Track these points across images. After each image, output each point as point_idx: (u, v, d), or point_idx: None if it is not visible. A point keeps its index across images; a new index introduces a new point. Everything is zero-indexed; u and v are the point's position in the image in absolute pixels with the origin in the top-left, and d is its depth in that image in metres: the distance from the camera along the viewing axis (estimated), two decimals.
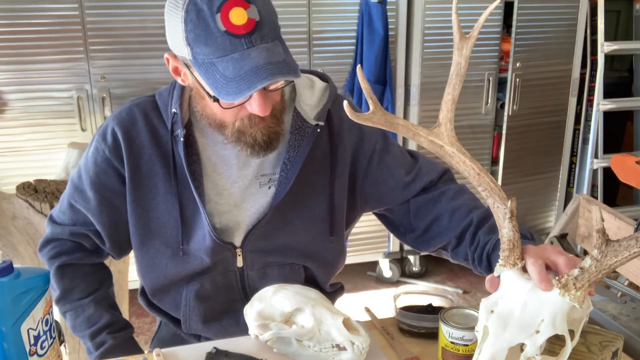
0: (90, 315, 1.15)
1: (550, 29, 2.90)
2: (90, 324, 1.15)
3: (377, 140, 1.14)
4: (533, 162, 3.09)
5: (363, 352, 0.92)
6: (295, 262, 1.16)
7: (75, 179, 1.13)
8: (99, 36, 2.37)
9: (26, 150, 2.41)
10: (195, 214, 1.09)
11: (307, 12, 2.56)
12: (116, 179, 1.09)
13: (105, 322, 1.15)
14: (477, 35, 0.86)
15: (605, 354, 0.85)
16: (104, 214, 1.11)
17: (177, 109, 1.06)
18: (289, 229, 1.12)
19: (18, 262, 1.78)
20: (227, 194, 1.10)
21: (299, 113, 1.09)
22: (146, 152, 1.08)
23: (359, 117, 0.84)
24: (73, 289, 1.16)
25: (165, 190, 1.08)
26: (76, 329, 1.16)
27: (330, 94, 1.12)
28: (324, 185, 1.12)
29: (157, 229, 1.10)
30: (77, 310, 1.16)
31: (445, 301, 1.13)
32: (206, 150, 1.09)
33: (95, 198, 1.10)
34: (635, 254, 0.71)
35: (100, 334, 1.14)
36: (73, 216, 1.14)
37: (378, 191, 1.15)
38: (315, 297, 0.96)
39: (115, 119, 1.09)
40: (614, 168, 2.70)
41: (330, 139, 1.11)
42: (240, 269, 1.14)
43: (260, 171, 1.10)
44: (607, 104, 3.03)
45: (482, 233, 1.03)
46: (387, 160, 1.14)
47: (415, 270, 3.13)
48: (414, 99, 2.81)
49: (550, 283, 0.77)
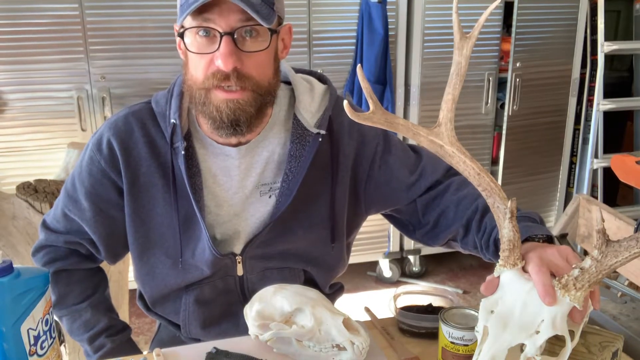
0: (87, 320, 1.15)
1: (550, 29, 2.90)
2: (88, 328, 1.14)
3: (378, 142, 1.12)
4: (533, 162, 3.09)
5: (363, 352, 0.92)
6: (295, 266, 1.15)
7: (70, 188, 1.10)
8: (99, 36, 2.37)
9: (26, 150, 2.41)
10: (195, 225, 1.07)
11: (307, 12, 2.56)
12: (112, 190, 1.07)
13: (103, 326, 1.15)
14: (477, 35, 0.85)
15: (605, 354, 0.85)
16: (99, 224, 1.09)
17: (176, 120, 1.03)
18: (289, 236, 1.11)
19: (18, 262, 1.78)
20: (227, 205, 1.08)
21: (299, 121, 1.07)
22: (144, 164, 1.06)
23: (359, 117, 0.84)
24: (68, 294, 1.15)
25: (164, 202, 1.07)
26: (73, 333, 1.15)
27: (331, 98, 1.10)
28: (324, 192, 1.10)
29: (157, 239, 1.09)
30: (74, 315, 1.15)
31: (445, 301, 1.13)
32: (206, 162, 1.06)
33: (90, 209, 1.08)
34: (635, 255, 0.71)
35: (99, 338, 1.14)
36: (67, 225, 1.12)
37: (382, 193, 1.14)
38: (315, 297, 0.96)
39: (111, 129, 1.06)
40: (614, 168, 2.69)
41: (331, 146, 1.09)
42: (240, 280, 1.13)
43: (261, 180, 1.08)
44: (607, 104, 3.03)
45: (488, 219, 1.02)
46: (389, 161, 1.12)
47: (415, 270, 3.13)
48: (414, 99, 2.81)
49: (555, 298, 0.74)
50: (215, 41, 0.93)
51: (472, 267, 3.27)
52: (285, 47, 1.06)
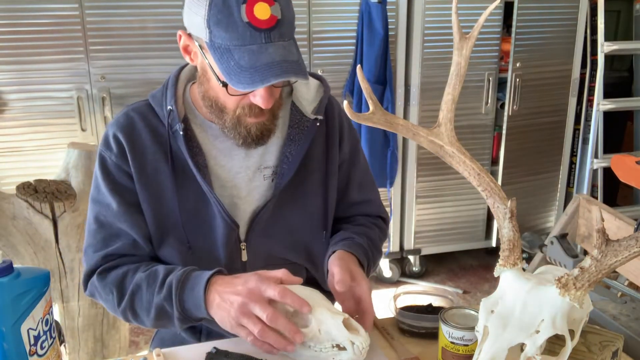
0: (148, 279, 1.05)
1: (550, 29, 2.90)
2: (152, 288, 1.04)
3: (349, 150, 1.22)
4: (533, 162, 3.09)
5: (363, 352, 0.92)
6: (296, 261, 1.18)
7: (95, 195, 1.12)
8: (99, 36, 2.37)
9: (26, 150, 2.41)
10: (205, 206, 1.10)
11: (307, 12, 2.56)
12: (129, 180, 1.10)
13: (164, 272, 1.04)
14: (477, 35, 0.86)
15: (605, 354, 0.85)
16: (128, 215, 1.09)
17: (172, 106, 1.08)
18: (287, 225, 1.15)
19: (18, 262, 1.78)
20: (231, 186, 1.13)
21: (297, 108, 1.15)
22: (149, 152, 1.10)
23: (358, 118, 0.84)
24: (125, 277, 1.07)
25: (172, 187, 1.09)
26: (150, 305, 1.03)
27: (325, 91, 1.17)
28: (319, 183, 1.17)
29: (171, 225, 1.10)
30: (137, 291, 1.05)
31: (445, 301, 1.13)
32: (206, 144, 1.12)
33: (117, 202, 1.09)
34: (635, 254, 0.71)
35: (164, 284, 1.02)
36: (104, 232, 1.10)
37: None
38: (315, 297, 0.97)
39: (114, 125, 1.11)
40: (614, 168, 2.69)
41: (326, 137, 1.17)
42: (244, 265, 1.15)
43: (263, 163, 1.14)
44: (607, 104, 3.03)
45: (348, 232, 1.17)
46: (351, 172, 1.23)
47: (415, 270, 3.13)
48: (414, 99, 2.81)
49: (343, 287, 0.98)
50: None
51: (472, 267, 3.27)
52: None
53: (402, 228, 3.02)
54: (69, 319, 1.90)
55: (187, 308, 1.00)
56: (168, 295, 1.00)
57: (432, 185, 2.96)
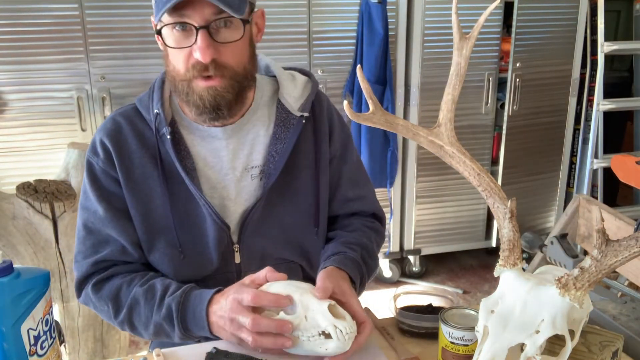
0: (145, 296, 1.05)
1: (550, 29, 2.90)
2: (151, 305, 1.04)
3: (339, 147, 1.21)
4: (533, 162, 3.09)
5: (347, 337, 0.91)
6: (291, 259, 1.18)
7: (83, 202, 1.13)
8: (99, 36, 2.37)
9: (26, 150, 2.41)
10: (195, 208, 1.10)
11: (307, 12, 2.56)
12: (116, 186, 1.10)
13: (161, 289, 1.05)
14: (477, 35, 0.86)
15: (605, 354, 0.85)
16: (115, 220, 1.09)
17: (159, 109, 1.09)
18: (278, 219, 1.15)
19: (18, 262, 1.78)
20: (221, 187, 1.12)
21: (283, 105, 1.14)
22: (136, 156, 1.09)
23: (358, 118, 0.84)
24: (119, 291, 1.08)
25: (161, 192, 1.09)
26: (149, 321, 1.04)
27: (313, 87, 1.17)
28: (309, 180, 1.16)
29: (161, 230, 1.10)
30: (134, 306, 1.06)
31: (445, 301, 1.13)
32: (195, 146, 1.11)
33: (105, 208, 1.09)
34: (635, 254, 0.71)
35: (162, 304, 1.03)
36: (93, 239, 1.10)
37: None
38: (301, 286, 0.97)
39: (101, 131, 1.11)
40: (614, 168, 2.70)
41: (314, 134, 1.16)
42: (238, 267, 1.15)
43: (250, 163, 1.13)
44: (607, 104, 3.03)
45: (340, 244, 1.16)
46: (342, 169, 1.22)
47: (415, 270, 3.13)
48: (414, 99, 2.81)
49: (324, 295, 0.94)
50: (192, 35, 0.98)
51: (472, 267, 3.27)
52: (259, 31, 1.11)
53: (402, 228, 3.02)
54: (69, 319, 1.90)
55: (189, 328, 1.02)
56: (168, 316, 1.02)
57: (432, 185, 2.96)
